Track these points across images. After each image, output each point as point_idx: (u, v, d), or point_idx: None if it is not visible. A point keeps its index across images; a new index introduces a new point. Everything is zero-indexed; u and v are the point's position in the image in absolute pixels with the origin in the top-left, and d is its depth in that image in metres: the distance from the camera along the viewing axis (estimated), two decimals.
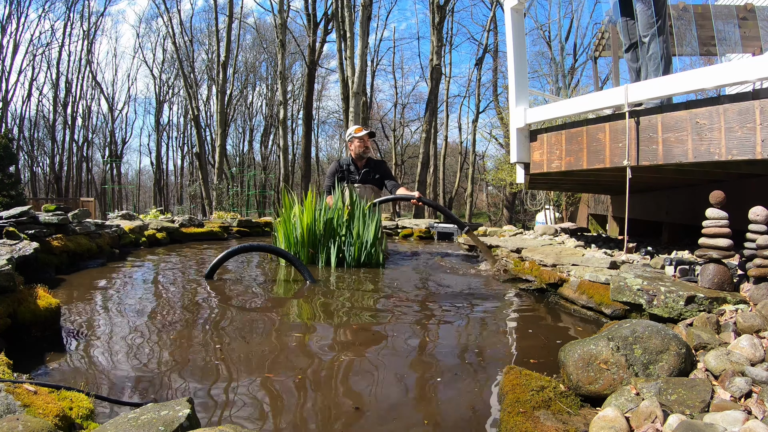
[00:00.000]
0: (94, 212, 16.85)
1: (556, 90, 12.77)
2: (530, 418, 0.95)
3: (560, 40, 16.49)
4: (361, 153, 3.92)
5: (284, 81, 14.60)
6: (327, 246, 3.20)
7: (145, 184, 34.22)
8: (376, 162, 4.06)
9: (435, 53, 15.49)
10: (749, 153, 1.92)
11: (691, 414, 0.91)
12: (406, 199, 3.72)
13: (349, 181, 3.93)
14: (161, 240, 4.46)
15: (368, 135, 3.96)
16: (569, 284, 2.24)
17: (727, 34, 4.07)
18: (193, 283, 2.57)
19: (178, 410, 0.86)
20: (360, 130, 3.95)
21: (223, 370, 1.37)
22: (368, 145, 3.96)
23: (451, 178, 26.64)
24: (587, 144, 2.67)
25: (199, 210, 19.48)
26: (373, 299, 2.31)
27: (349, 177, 3.94)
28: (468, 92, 24.18)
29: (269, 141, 30.44)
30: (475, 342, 1.65)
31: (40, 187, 27.51)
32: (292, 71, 27.54)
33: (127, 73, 43.09)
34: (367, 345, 1.61)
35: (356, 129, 3.96)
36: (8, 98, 23.39)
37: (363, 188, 3.89)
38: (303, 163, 15.84)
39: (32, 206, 3.21)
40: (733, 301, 1.52)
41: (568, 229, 4.57)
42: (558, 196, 8.64)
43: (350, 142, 3.96)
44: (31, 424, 0.78)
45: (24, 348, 1.47)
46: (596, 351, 1.13)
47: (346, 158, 4.03)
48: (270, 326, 1.80)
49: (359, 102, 11.01)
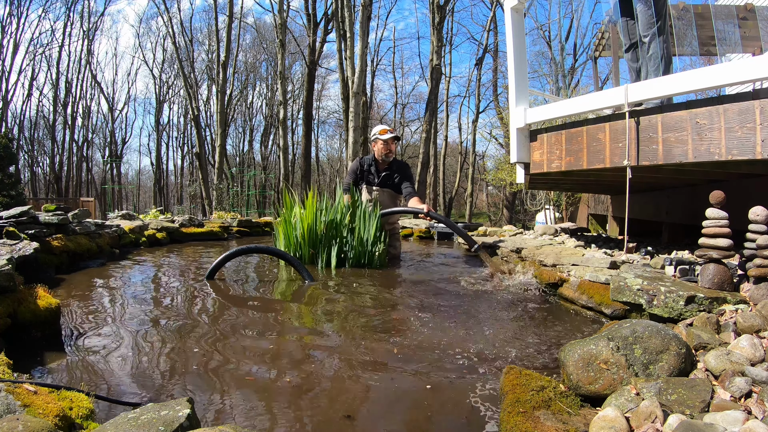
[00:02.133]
0: (94, 212, 16.85)
1: (556, 90, 12.77)
2: (530, 418, 0.95)
3: (560, 40, 16.47)
4: (384, 156, 3.68)
5: (284, 81, 14.60)
6: (328, 246, 3.19)
7: (145, 184, 34.21)
8: (399, 164, 3.80)
9: (435, 53, 15.48)
10: (749, 153, 1.92)
11: (691, 414, 0.91)
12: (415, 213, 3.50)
13: (368, 182, 3.74)
14: (161, 240, 4.46)
15: (393, 139, 3.69)
16: (569, 284, 2.24)
17: (727, 34, 4.07)
18: (194, 283, 2.57)
19: (178, 410, 0.86)
20: (385, 132, 3.67)
21: (224, 370, 1.37)
22: (392, 149, 3.70)
23: (451, 178, 26.63)
24: (587, 144, 2.67)
25: (199, 210, 19.48)
26: (372, 300, 2.31)
27: (368, 178, 3.75)
28: (468, 92, 24.18)
29: (269, 141, 30.45)
30: (474, 342, 1.65)
31: (40, 187, 27.50)
32: (292, 71, 27.54)
33: (127, 73, 43.13)
34: (366, 345, 1.61)
35: (381, 130, 3.69)
36: (8, 98, 23.39)
37: (381, 192, 3.71)
38: (303, 163, 15.84)
39: (32, 206, 3.21)
40: (733, 301, 1.52)
41: (568, 229, 4.57)
42: (558, 196, 8.64)
43: (374, 143, 3.72)
44: (31, 424, 0.78)
45: (24, 348, 1.47)
46: (596, 351, 1.13)
47: (369, 157, 3.80)
48: (270, 326, 1.80)
49: (359, 102, 11.01)
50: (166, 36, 25.23)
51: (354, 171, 3.79)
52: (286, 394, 1.23)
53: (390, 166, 3.73)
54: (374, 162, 3.74)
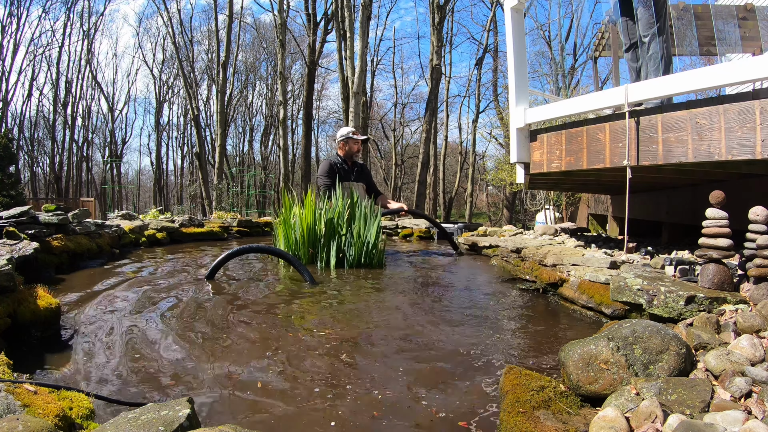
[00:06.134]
0: (94, 212, 16.85)
1: (556, 90, 12.76)
2: (530, 418, 0.95)
3: (560, 40, 16.47)
4: (354, 155, 4.12)
5: (284, 81, 14.60)
6: (327, 246, 3.19)
7: (145, 184, 34.20)
8: (361, 164, 4.24)
9: (435, 53, 15.48)
10: (749, 153, 1.92)
11: (691, 414, 0.91)
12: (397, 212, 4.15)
13: (346, 179, 3.98)
14: (161, 240, 4.45)
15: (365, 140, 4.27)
16: (569, 284, 2.24)
17: (727, 34, 4.07)
18: (194, 283, 2.57)
19: (178, 410, 0.86)
20: (357, 133, 4.16)
21: (224, 370, 1.37)
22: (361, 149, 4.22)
23: (451, 178, 26.61)
24: (587, 144, 2.67)
25: (199, 210, 19.48)
26: (372, 300, 2.31)
27: (345, 176, 4.01)
28: (468, 92, 24.18)
29: (269, 141, 30.45)
30: (475, 342, 1.65)
31: (40, 187, 27.50)
32: (292, 71, 27.55)
33: (127, 73, 43.12)
34: (366, 345, 1.61)
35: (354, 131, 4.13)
36: (8, 98, 23.40)
37: (357, 187, 3.98)
38: (303, 163, 15.85)
39: (32, 206, 3.21)
40: (733, 301, 1.52)
41: (568, 229, 4.57)
42: (558, 196, 8.63)
43: (345, 143, 4.08)
44: (31, 424, 0.78)
45: (24, 348, 1.47)
46: (596, 351, 1.13)
47: (335, 157, 4.16)
48: (271, 326, 1.80)
49: (359, 102, 11.01)
50: (165, 36, 25.25)
51: (332, 170, 4.01)
52: (287, 394, 1.23)
53: (354, 164, 4.17)
54: (344, 161, 4.11)
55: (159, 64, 28.76)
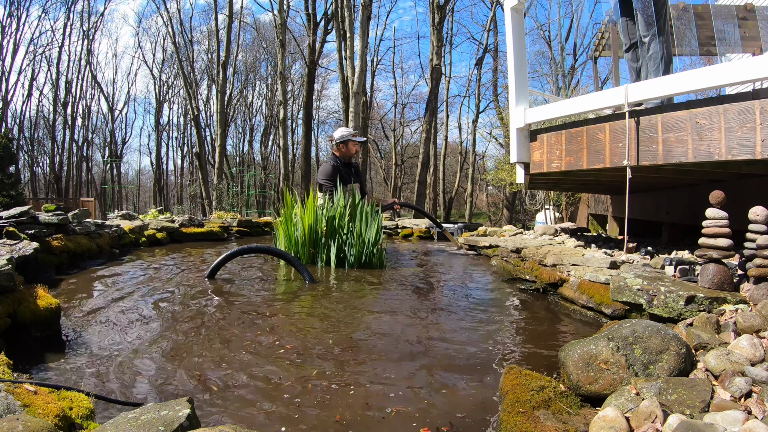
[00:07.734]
0: (94, 212, 16.84)
1: (556, 90, 12.77)
2: (530, 418, 0.95)
3: (560, 40, 16.45)
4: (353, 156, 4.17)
5: (284, 81, 14.60)
6: (327, 246, 3.19)
7: (145, 184, 34.18)
8: (356, 165, 4.31)
9: (435, 53, 15.47)
10: (749, 153, 1.92)
11: (691, 414, 0.91)
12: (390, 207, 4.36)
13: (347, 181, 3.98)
14: (161, 240, 4.45)
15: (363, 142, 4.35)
16: (569, 284, 2.24)
17: (727, 34, 4.06)
18: (195, 283, 2.57)
19: (178, 410, 0.86)
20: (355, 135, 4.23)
21: (225, 369, 1.37)
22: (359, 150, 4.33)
23: (451, 178, 26.60)
24: (587, 144, 2.67)
25: (199, 210, 19.47)
26: (372, 300, 2.31)
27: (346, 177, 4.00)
28: (468, 92, 24.15)
29: (269, 141, 30.43)
30: (475, 342, 1.65)
31: (40, 187, 27.48)
32: (292, 71, 27.51)
33: (127, 73, 43.11)
34: (366, 345, 1.61)
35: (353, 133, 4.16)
36: (8, 98, 23.37)
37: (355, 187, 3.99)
38: (303, 163, 15.83)
39: (32, 206, 3.21)
40: (733, 301, 1.52)
41: (568, 229, 4.57)
42: (558, 196, 8.63)
43: (343, 144, 4.08)
44: (31, 424, 0.78)
45: (24, 348, 1.47)
46: (596, 351, 1.13)
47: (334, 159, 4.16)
48: (271, 326, 1.79)
49: (359, 102, 11.01)
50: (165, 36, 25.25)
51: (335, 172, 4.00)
52: (287, 395, 1.23)
53: (351, 164, 4.22)
54: (341, 162, 4.13)
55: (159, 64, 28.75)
